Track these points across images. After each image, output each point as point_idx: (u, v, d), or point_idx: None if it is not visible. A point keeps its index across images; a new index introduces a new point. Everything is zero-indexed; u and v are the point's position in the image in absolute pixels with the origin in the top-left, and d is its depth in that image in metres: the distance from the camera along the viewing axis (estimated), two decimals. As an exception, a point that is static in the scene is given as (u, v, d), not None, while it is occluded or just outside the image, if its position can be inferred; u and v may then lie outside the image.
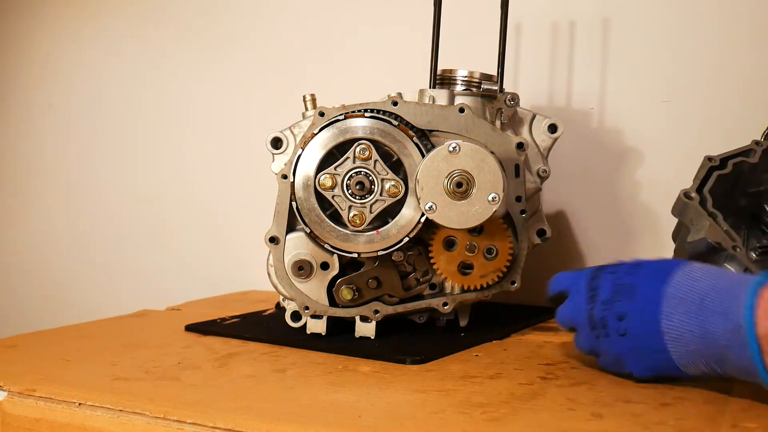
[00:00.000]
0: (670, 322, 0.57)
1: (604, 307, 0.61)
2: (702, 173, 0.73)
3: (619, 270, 0.63)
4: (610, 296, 0.61)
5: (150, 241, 1.36)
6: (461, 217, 0.72)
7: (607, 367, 0.65)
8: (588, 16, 1.03)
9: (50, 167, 1.46)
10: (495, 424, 0.54)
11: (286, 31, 1.23)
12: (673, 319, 0.57)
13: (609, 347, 0.62)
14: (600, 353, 0.65)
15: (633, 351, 0.60)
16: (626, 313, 0.60)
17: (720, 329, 0.53)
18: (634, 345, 0.59)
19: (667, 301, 0.57)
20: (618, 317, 0.60)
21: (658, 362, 0.59)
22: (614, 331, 0.60)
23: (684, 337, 0.56)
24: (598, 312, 0.62)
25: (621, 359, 0.62)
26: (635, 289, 0.59)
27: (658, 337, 0.57)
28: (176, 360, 0.73)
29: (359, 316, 0.79)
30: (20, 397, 0.63)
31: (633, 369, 0.61)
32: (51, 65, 1.45)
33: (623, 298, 0.60)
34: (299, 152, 0.77)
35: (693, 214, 0.70)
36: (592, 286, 0.63)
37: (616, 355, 0.62)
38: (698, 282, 0.56)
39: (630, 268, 0.62)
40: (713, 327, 0.54)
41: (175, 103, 1.33)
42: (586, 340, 0.65)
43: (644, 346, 0.59)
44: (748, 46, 0.95)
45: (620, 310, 0.60)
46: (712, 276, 0.57)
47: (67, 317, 1.13)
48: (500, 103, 0.80)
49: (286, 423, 0.54)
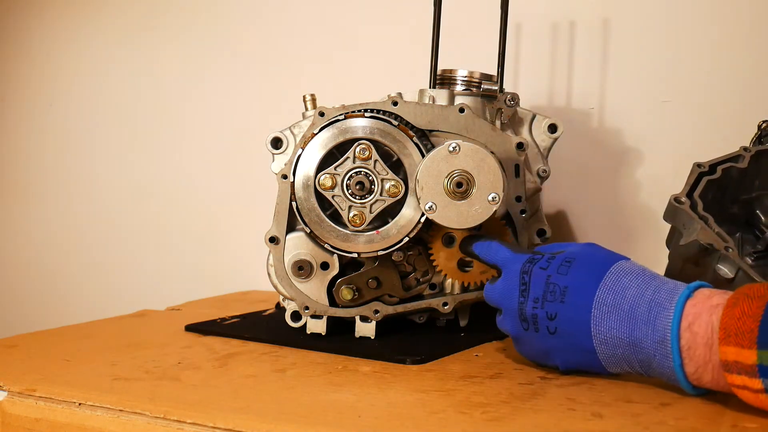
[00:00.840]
0: (600, 327, 0.60)
1: (535, 305, 0.63)
2: (692, 179, 0.73)
3: (550, 266, 0.64)
4: (542, 295, 0.63)
5: (150, 240, 1.36)
6: (461, 217, 0.72)
7: (529, 357, 0.68)
8: (588, 16, 1.03)
9: (50, 167, 1.46)
10: (495, 424, 0.54)
11: (286, 31, 1.23)
12: (603, 325, 0.60)
13: (537, 342, 0.64)
14: (523, 342, 0.67)
15: (561, 348, 0.63)
16: (557, 313, 0.62)
17: (647, 339, 0.57)
18: (563, 343, 0.62)
19: (598, 308, 0.60)
20: (549, 317, 0.62)
21: (585, 360, 0.62)
22: (544, 329, 0.63)
23: (613, 341, 0.60)
24: (529, 309, 0.64)
25: (548, 354, 0.65)
26: (566, 291, 0.61)
27: (587, 340, 0.61)
28: (176, 360, 0.73)
29: (359, 316, 0.79)
30: (20, 397, 0.63)
31: (559, 363, 0.65)
32: (51, 65, 1.45)
33: (554, 298, 0.62)
34: (299, 152, 0.77)
35: (684, 218, 0.71)
36: (524, 279, 0.64)
37: (543, 349, 0.65)
38: (629, 289, 0.59)
39: (561, 264, 0.63)
40: (641, 335, 0.57)
41: (175, 102, 1.33)
42: (512, 327, 0.67)
43: (573, 346, 0.62)
44: (748, 46, 0.95)
45: (551, 310, 0.62)
46: (642, 283, 0.60)
47: (67, 317, 1.13)
48: (500, 103, 0.80)
49: (286, 423, 0.54)
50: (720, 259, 0.67)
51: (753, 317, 0.51)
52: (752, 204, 0.79)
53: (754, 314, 0.51)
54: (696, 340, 0.55)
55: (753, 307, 0.51)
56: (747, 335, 0.51)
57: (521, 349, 0.68)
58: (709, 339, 0.54)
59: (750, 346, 0.50)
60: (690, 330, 0.55)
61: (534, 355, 0.67)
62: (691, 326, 0.55)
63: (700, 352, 0.55)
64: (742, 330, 0.51)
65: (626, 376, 0.65)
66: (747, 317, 0.51)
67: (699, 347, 0.55)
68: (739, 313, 0.52)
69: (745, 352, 0.51)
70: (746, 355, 0.51)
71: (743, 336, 0.51)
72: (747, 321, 0.51)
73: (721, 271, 0.67)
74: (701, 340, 0.54)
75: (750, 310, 0.51)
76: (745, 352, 0.51)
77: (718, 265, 0.68)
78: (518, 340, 0.67)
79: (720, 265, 0.68)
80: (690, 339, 0.55)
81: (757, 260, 0.78)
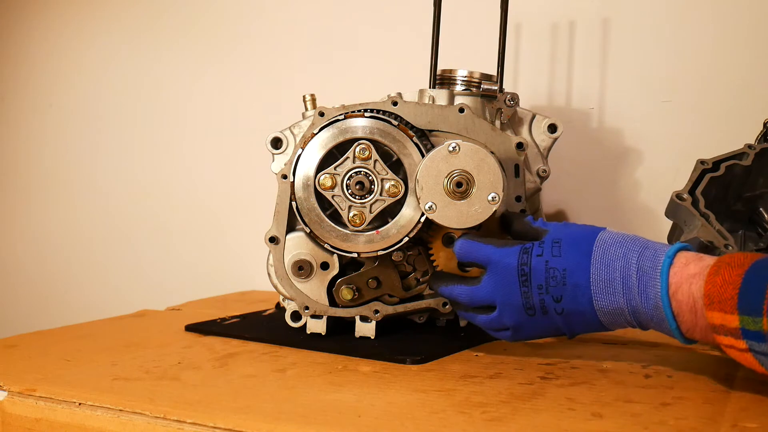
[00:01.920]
0: (602, 302, 0.64)
1: (541, 291, 0.66)
2: (695, 176, 0.73)
3: (544, 251, 0.67)
4: (544, 281, 0.66)
5: (150, 241, 1.36)
6: (461, 217, 0.72)
7: (532, 338, 0.71)
8: (588, 16, 1.03)
9: (50, 167, 1.46)
10: (495, 424, 0.54)
11: (286, 31, 1.23)
12: (604, 300, 0.64)
13: (545, 323, 0.68)
14: (528, 327, 0.69)
15: (569, 323, 0.67)
16: (562, 295, 0.66)
17: (643, 306, 0.62)
18: (570, 320, 0.66)
19: (595, 284, 0.64)
20: (555, 299, 0.66)
21: (591, 327, 0.67)
22: (552, 311, 0.66)
23: (614, 312, 0.64)
24: (535, 296, 0.67)
25: (556, 330, 0.69)
26: (566, 273, 0.65)
27: (592, 314, 0.65)
28: (176, 360, 0.73)
29: (359, 316, 0.79)
30: (20, 397, 0.63)
31: (567, 333, 0.69)
32: (51, 65, 1.45)
33: (557, 282, 0.65)
34: (299, 152, 0.77)
35: (685, 215, 0.71)
36: (523, 270, 0.67)
37: (552, 328, 0.68)
38: (616, 261, 0.64)
39: (552, 247, 0.67)
40: (636, 304, 0.62)
41: (175, 103, 1.33)
42: (514, 319, 0.68)
43: (579, 320, 0.66)
44: (748, 46, 0.95)
45: (556, 293, 0.66)
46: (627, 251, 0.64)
47: (67, 317, 1.14)
48: (500, 103, 0.80)
49: (286, 423, 0.54)
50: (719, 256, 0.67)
51: (733, 284, 0.55)
52: (756, 201, 0.79)
53: (734, 282, 0.55)
54: (681, 308, 0.60)
55: (733, 275, 0.55)
56: (729, 302, 0.55)
57: (523, 334, 0.70)
58: (692, 307, 0.59)
59: (732, 312, 0.55)
60: (675, 298, 0.60)
61: (539, 334, 0.70)
62: (675, 295, 0.60)
63: (687, 317, 0.60)
64: (724, 297, 0.55)
65: (626, 377, 0.65)
66: (728, 284, 0.55)
67: (685, 314, 0.60)
68: (720, 281, 0.56)
69: (728, 317, 0.55)
70: (730, 319, 0.55)
71: (725, 303, 0.55)
72: (728, 288, 0.55)
73: None
74: (686, 308, 0.59)
75: (730, 278, 0.55)
76: (728, 317, 0.55)
77: None
78: (520, 328, 0.69)
79: None
80: (677, 306, 0.60)
81: (760, 256, 0.78)
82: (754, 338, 0.54)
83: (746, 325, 0.54)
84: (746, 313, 0.54)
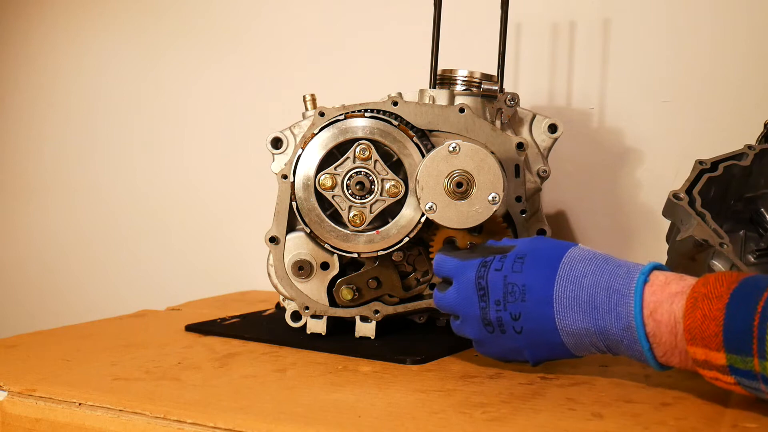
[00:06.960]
0: (565, 321, 0.60)
1: (498, 308, 0.63)
2: (693, 176, 0.73)
3: (504, 265, 0.64)
4: (502, 297, 0.63)
5: (150, 241, 1.36)
6: (461, 217, 0.72)
7: (495, 357, 0.68)
8: (588, 16, 1.03)
9: (50, 167, 1.46)
10: (495, 424, 0.54)
11: (286, 31, 1.23)
12: (568, 319, 0.60)
13: (504, 342, 0.64)
14: (489, 344, 0.66)
15: (529, 345, 0.63)
16: (520, 313, 0.62)
17: (613, 326, 0.58)
18: (530, 340, 0.63)
19: (559, 301, 0.60)
20: (513, 317, 0.62)
21: (554, 352, 0.63)
22: (510, 329, 0.63)
23: (579, 332, 0.60)
24: (492, 313, 0.63)
25: (517, 351, 0.65)
26: (525, 289, 0.62)
27: (554, 334, 0.61)
28: (176, 360, 0.73)
29: (359, 316, 0.80)
30: (20, 397, 0.63)
31: (529, 358, 0.65)
32: (51, 65, 1.45)
33: (515, 299, 0.62)
34: (299, 152, 0.77)
35: (682, 214, 0.71)
36: (480, 284, 0.64)
37: (511, 348, 0.65)
38: (585, 278, 0.60)
39: (514, 262, 0.63)
40: (605, 324, 0.58)
41: (175, 103, 1.33)
42: (474, 332, 0.66)
43: (540, 341, 0.62)
44: (748, 46, 0.95)
45: (514, 310, 0.62)
46: (596, 269, 0.60)
47: (67, 317, 1.14)
48: (500, 103, 0.80)
49: (286, 423, 0.54)
50: (714, 255, 0.67)
51: (715, 320, 0.51)
52: (756, 202, 0.79)
53: (715, 317, 0.52)
54: (660, 329, 0.56)
55: (713, 309, 0.52)
56: (713, 339, 0.52)
57: (486, 350, 0.67)
58: (673, 328, 0.55)
59: (718, 349, 0.51)
60: (653, 318, 0.56)
61: (501, 354, 0.67)
62: (653, 314, 0.56)
63: (666, 339, 0.56)
64: (707, 334, 0.52)
65: (626, 377, 0.65)
66: (709, 320, 0.52)
67: (664, 335, 0.56)
68: (700, 316, 0.52)
69: (713, 353, 0.52)
70: (715, 356, 0.52)
71: (709, 339, 0.52)
72: (710, 324, 0.52)
73: (714, 266, 0.67)
74: (665, 329, 0.55)
75: (711, 312, 0.52)
76: (713, 354, 0.52)
77: (712, 260, 0.67)
78: (482, 343, 0.67)
79: (714, 261, 0.67)
80: (654, 327, 0.56)
81: (760, 258, 0.78)
82: (744, 376, 0.51)
83: (734, 363, 0.51)
84: (734, 352, 0.51)
